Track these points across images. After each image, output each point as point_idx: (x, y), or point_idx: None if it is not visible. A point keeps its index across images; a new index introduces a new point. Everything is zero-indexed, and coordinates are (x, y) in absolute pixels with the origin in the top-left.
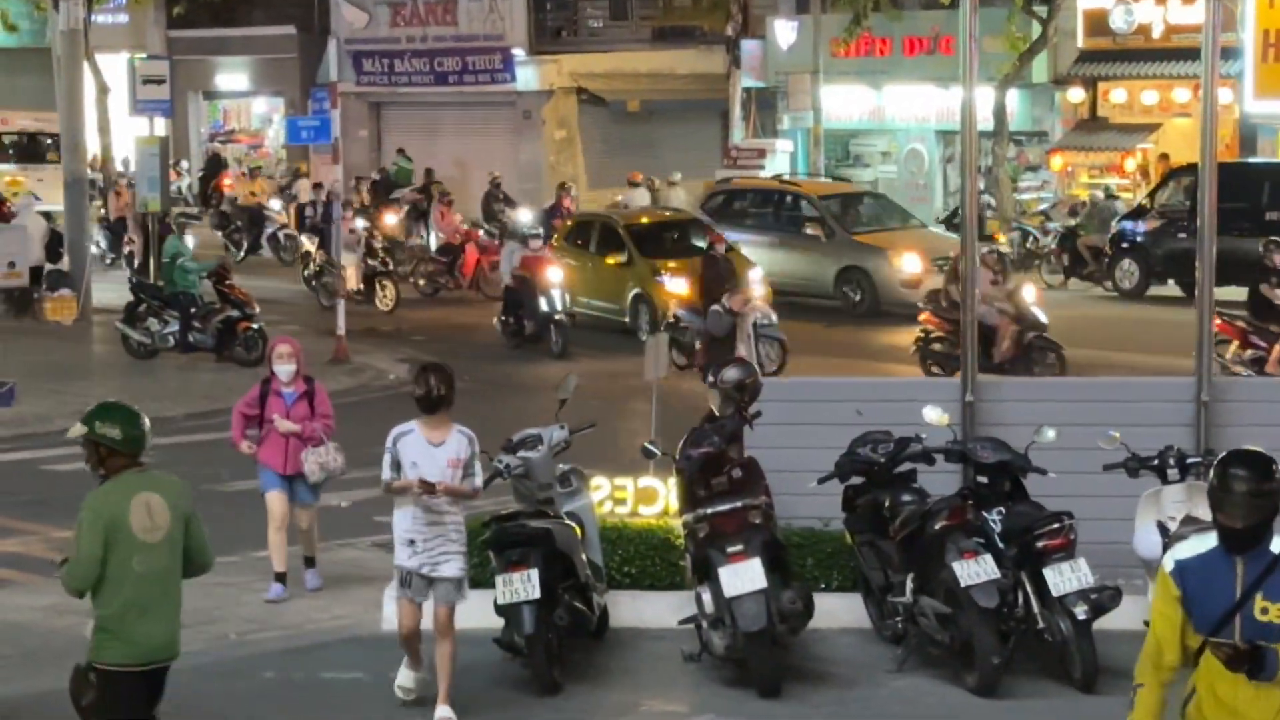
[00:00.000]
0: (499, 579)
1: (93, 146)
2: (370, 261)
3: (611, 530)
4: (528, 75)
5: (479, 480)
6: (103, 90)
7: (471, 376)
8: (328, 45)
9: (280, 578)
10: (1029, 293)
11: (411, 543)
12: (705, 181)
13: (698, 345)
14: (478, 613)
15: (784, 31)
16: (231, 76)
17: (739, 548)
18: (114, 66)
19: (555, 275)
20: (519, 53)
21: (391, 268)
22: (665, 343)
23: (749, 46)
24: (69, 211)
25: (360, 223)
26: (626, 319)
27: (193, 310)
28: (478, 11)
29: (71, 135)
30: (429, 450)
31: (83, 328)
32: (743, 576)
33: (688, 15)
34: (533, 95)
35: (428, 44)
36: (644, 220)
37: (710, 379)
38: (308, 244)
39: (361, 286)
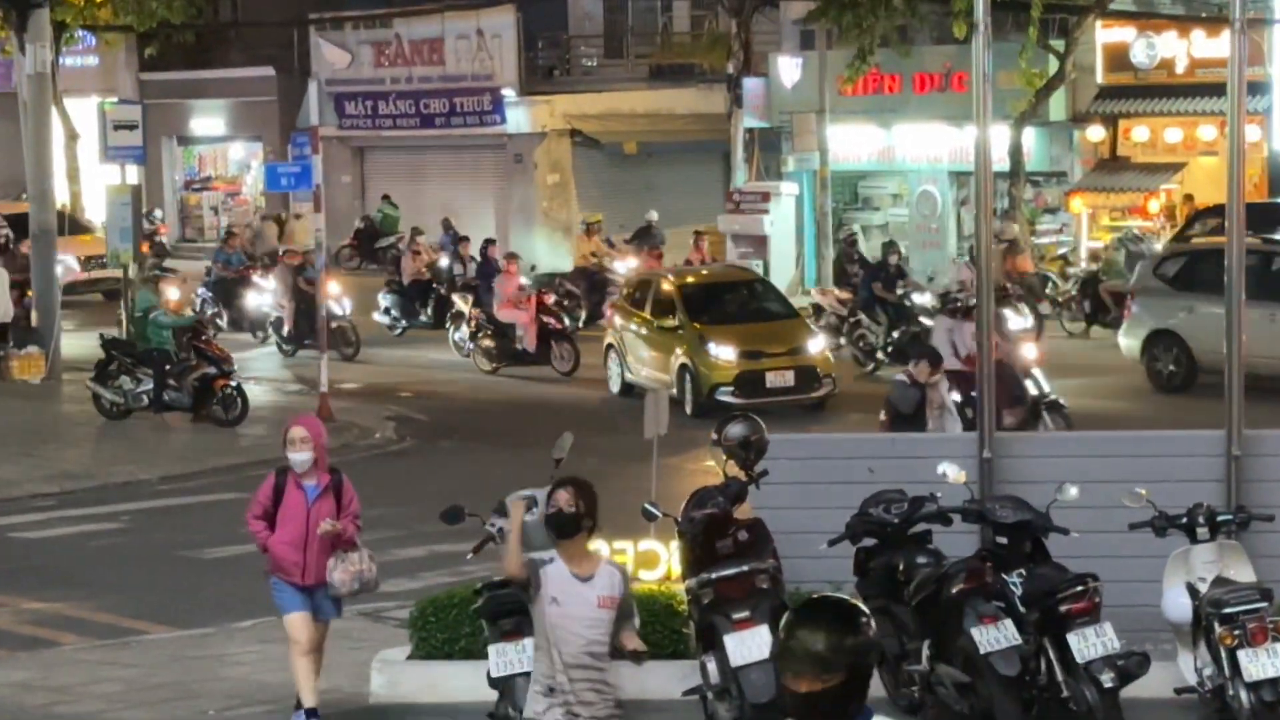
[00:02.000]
0: (492, 649)
1: (61, 195)
2: (545, 319)
3: None
4: (518, 117)
5: (637, 621)
6: (72, 136)
7: None
8: (308, 87)
9: (312, 714)
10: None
11: (551, 691)
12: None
13: (882, 417)
14: (470, 686)
15: (788, 69)
16: (207, 121)
17: (746, 614)
18: (83, 111)
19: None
20: (509, 93)
21: (567, 326)
22: (665, 398)
23: (751, 85)
24: (37, 263)
25: (523, 279)
26: (674, 391)
27: (167, 367)
28: (465, 51)
29: (39, 183)
30: (574, 586)
31: (51, 386)
32: (750, 644)
33: (687, 53)
34: (524, 138)
35: (413, 85)
36: (702, 279)
37: (714, 436)
38: (460, 303)
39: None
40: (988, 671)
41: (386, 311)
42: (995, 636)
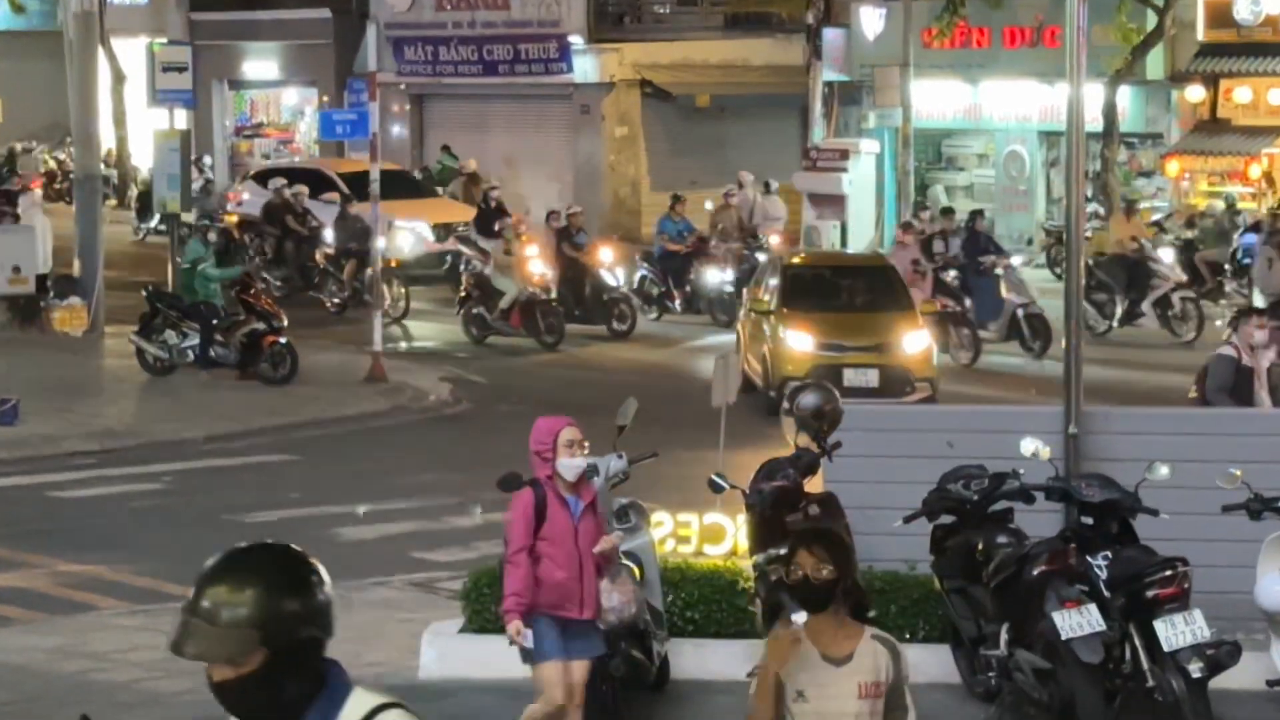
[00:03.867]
0: None
1: (107, 140)
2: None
3: (674, 571)
4: (586, 66)
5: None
6: (119, 78)
7: None
8: (366, 31)
9: None
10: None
11: None
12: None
13: (1191, 393)
14: (519, 662)
15: (870, 20)
16: (260, 64)
17: None
18: (131, 52)
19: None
20: (576, 41)
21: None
22: (735, 364)
23: (831, 36)
24: (80, 211)
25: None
26: (759, 382)
27: (214, 322)
28: None
29: (84, 127)
30: (827, 674)
31: (94, 340)
32: None
33: (764, 1)
34: (591, 88)
35: (476, 30)
36: (813, 261)
37: (786, 405)
38: None
39: None
40: (1069, 658)
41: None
42: (1078, 621)
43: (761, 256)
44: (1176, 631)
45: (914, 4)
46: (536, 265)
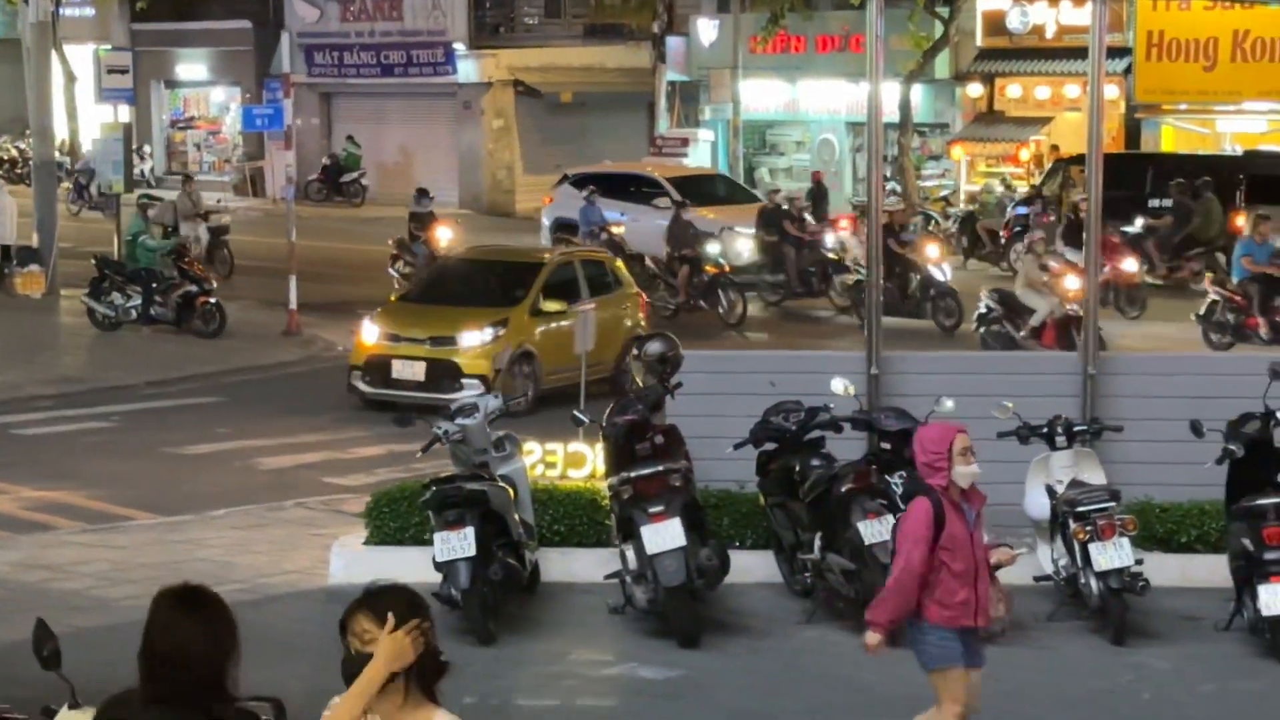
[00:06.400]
0: (437, 537)
1: (61, 132)
2: None
3: (542, 492)
4: (468, 68)
5: None
6: (70, 79)
7: None
8: (281, 39)
9: None
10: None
11: None
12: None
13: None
14: (418, 569)
15: (706, 29)
16: (191, 67)
17: (660, 508)
18: (81, 57)
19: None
20: (460, 47)
21: None
22: (592, 317)
23: (673, 43)
24: (38, 192)
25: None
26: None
27: (154, 285)
28: (421, 8)
29: (40, 121)
30: None
31: (50, 301)
32: (663, 535)
33: (617, 13)
34: (472, 87)
35: (375, 38)
36: (466, 257)
37: (634, 351)
38: None
39: None
40: (872, 560)
41: None
42: (879, 530)
43: None
44: None
45: (742, 16)
46: (1071, 281)
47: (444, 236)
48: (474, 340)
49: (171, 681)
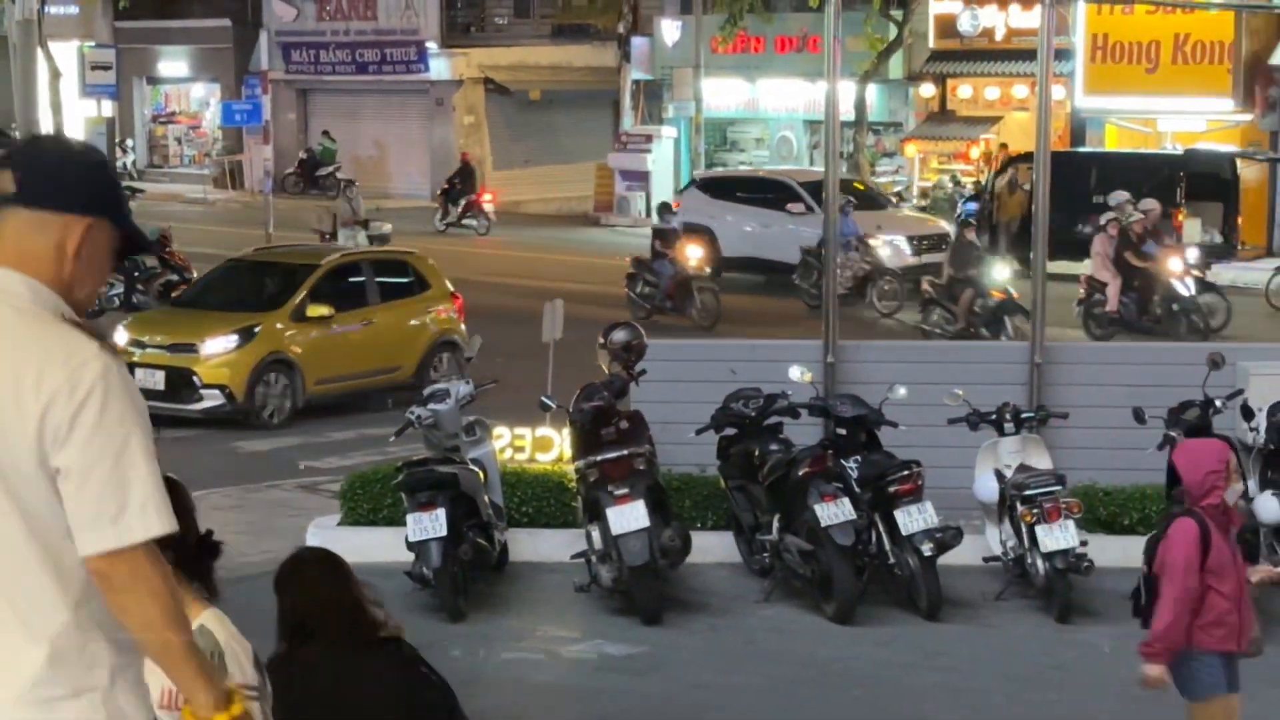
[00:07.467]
0: (410, 518)
1: (46, 125)
2: None
3: (511, 474)
4: (440, 66)
5: None
6: (55, 75)
7: None
8: (259, 37)
9: None
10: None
11: None
12: (599, 164)
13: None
14: (391, 548)
15: (669, 30)
16: (172, 64)
17: (625, 491)
18: (65, 53)
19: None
20: (432, 46)
21: None
22: (560, 307)
23: (638, 43)
24: None
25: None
26: None
27: (136, 274)
28: (395, 7)
29: (26, 115)
30: None
31: None
32: (628, 516)
33: (584, 14)
34: (444, 84)
35: (350, 37)
36: (253, 258)
37: (600, 340)
38: None
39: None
40: (827, 542)
41: None
42: (834, 512)
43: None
44: (912, 519)
45: (704, 17)
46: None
47: (693, 255)
48: (215, 348)
49: (337, 625)
